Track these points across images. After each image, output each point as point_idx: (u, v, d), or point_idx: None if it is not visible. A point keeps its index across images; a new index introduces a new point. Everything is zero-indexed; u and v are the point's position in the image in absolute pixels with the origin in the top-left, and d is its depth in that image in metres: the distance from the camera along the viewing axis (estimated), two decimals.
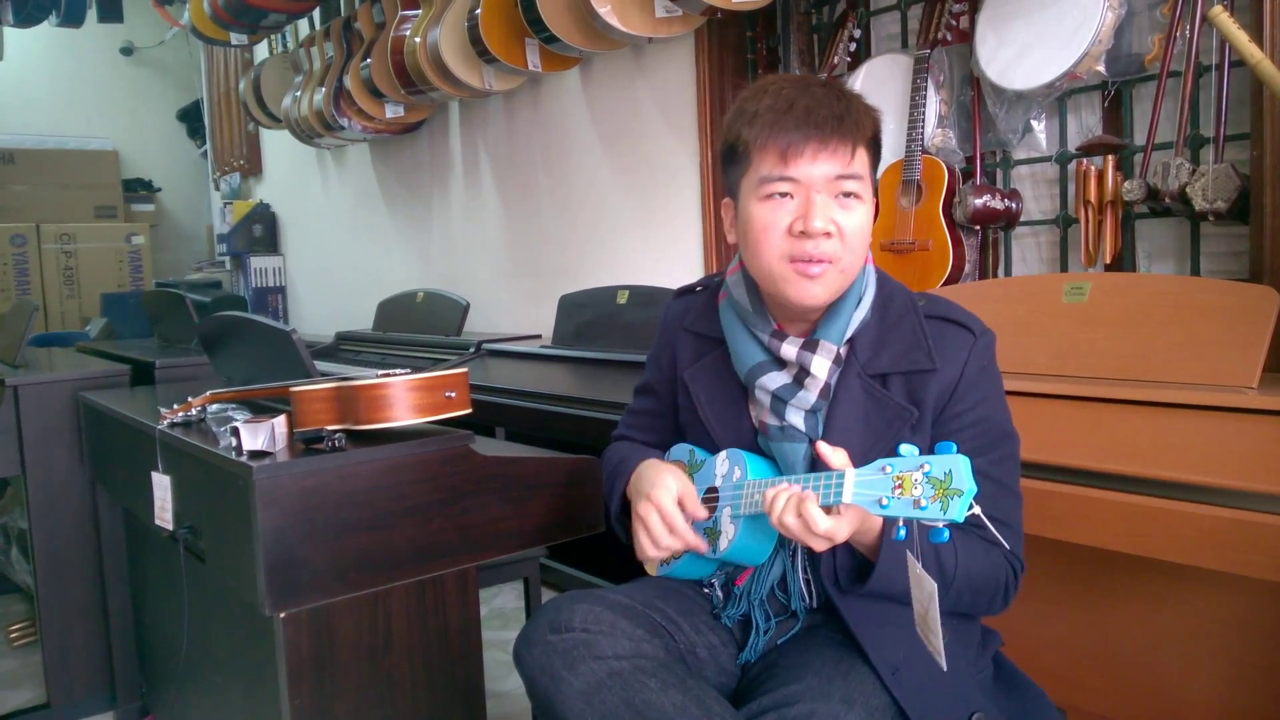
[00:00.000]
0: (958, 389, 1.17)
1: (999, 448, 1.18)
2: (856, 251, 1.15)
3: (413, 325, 3.84)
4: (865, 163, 1.16)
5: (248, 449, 1.40)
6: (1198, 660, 1.51)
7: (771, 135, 1.13)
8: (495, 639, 2.54)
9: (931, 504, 0.93)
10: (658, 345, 1.42)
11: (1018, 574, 1.18)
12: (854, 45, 2.52)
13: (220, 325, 1.87)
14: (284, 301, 5.78)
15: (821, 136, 1.11)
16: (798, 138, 1.12)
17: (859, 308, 1.20)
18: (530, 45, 3.07)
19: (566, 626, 1.15)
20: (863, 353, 1.20)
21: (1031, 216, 2.25)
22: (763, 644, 1.24)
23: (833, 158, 1.12)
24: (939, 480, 0.93)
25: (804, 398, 1.20)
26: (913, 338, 1.19)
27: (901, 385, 1.19)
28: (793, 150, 1.12)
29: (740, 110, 1.18)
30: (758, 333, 1.23)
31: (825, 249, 1.13)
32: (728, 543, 1.20)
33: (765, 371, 1.22)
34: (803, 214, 1.13)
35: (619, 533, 1.36)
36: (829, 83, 1.18)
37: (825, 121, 1.11)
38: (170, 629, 2.01)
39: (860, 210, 1.15)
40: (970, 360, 1.18)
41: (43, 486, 2.24)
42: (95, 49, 6.62)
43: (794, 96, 1.13)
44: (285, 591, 1.35)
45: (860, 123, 1.14)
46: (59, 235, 6.01)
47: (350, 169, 4.97)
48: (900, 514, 0.96)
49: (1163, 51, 1.91)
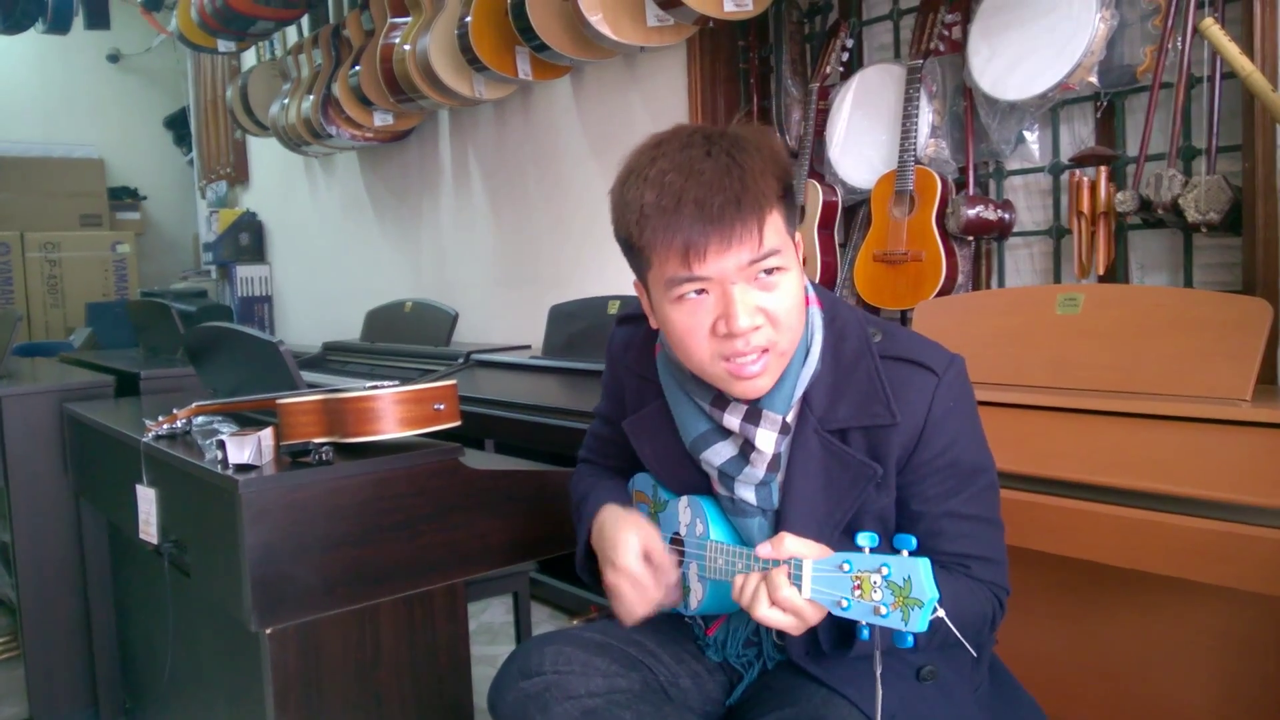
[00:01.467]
0: (922, 437, 1.08)
1: (972, 484, 1.11)
2: (793, 327, 1.05)
3: (401, 335, 3.82)
4: (779, 227, 1.02)
5: (234, 462, 1.38)
6: (1190, 673, 1.51)
7: (666, 237, 0.99)
8: (484, 654, 2.52)
9: (892, 612, 0.88)
10: (607, 374, 1.33)
11: (1003, 603, 1.14)
12: (846, 55, 2.51)
13: (206, 336, 1.85)
14: (270, 311, 5.75)
15: (722, 231, 0.98)
16: (696, 236, 0.98)
17: (806, 364, 1.10)
18: (521, 54, 3.06)
19: (537, 670, 1.12)
20: (818, 406, 1.10)
21: (1025, 227, 2.24)
22: (750, 678, 1.22)
23: (741, 246, 0.99)
24: (898, 586, 0.88)
25: (751, 474, 1.11)
26: (869, 387, 1.09)
27: (862, 440, 1.09)
28: (694, 251, 0.98)
29: (625, 203, 1.04)
30: (697, 400, 1.13)
31: (757, 341, 1.02)
32: (698, 601, 1.17)
33: (710, 444, 1.12)
34: (723, 313, 1.01)
35: (586, 580, 1.30)
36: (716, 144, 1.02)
37: (723, 211, 0.97)
38: (155, 644, 1.99)
39: (787, 282, 1.03)
40: (935, 405, 1.08)
41: (26, 498, 2.21)
42: (82, 56, 6.58)
43: (681, 185, 0.99)
44: (272, 607, 1.33)
45: (762, 193, 0.99)
46: (43, 244, 5.96)
47: (338, 177, 4.95)
48: (861, 619, 0.91)
49: (1155, 63, 1.91)
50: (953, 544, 1.11)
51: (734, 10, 2.38)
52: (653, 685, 1.17)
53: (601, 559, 1.19)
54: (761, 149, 1.03)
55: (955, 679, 1.16)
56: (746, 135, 1.04)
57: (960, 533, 1.10)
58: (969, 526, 1.11)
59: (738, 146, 1.02)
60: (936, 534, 1.10)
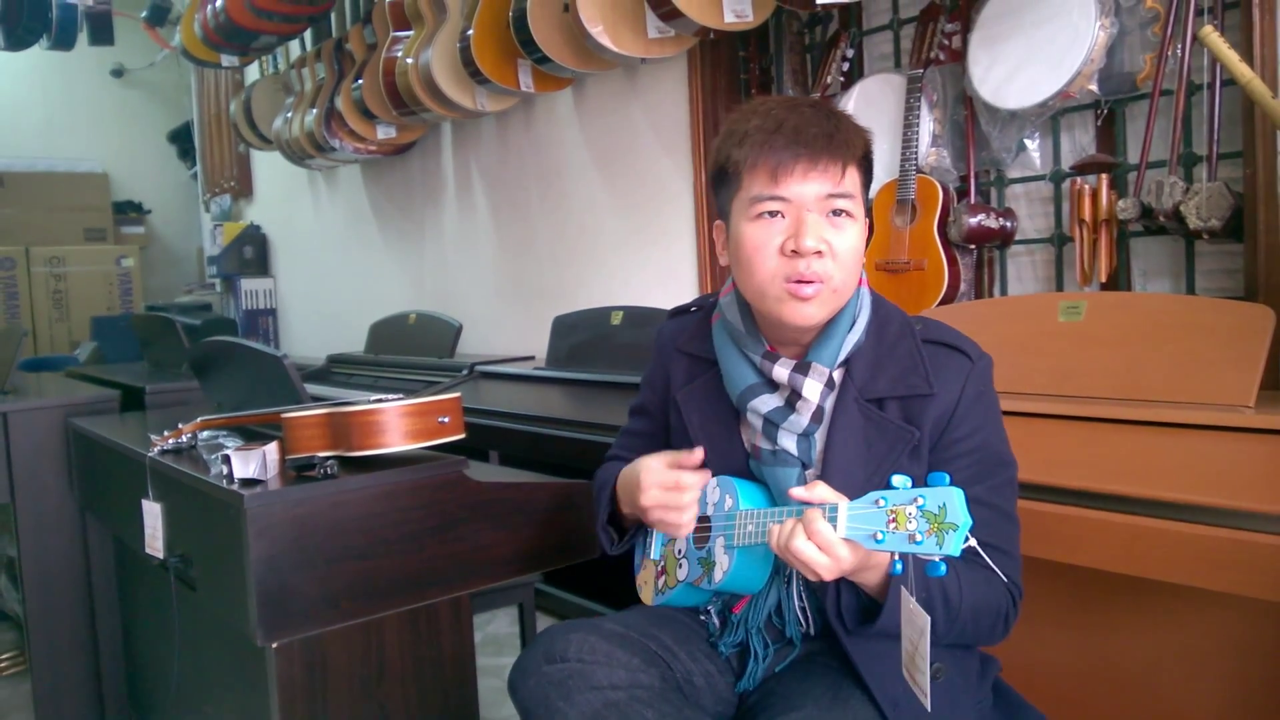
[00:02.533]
0: (955, 415, 1.15)
1: (996, 474, 1.17)
2: (849, 270, 1.14)
3: (405, 347, 3.83)
4: (856, 181, 1.15)
5: (239, 477, 1.39)
6: (1198, 681, 1.50)
7: (761, 155, 1.12)
8: (489, 665, 2.51)
9: (927, 538, 0.92)
10: (652, 366, 1.40)
11: (1016, 601, 1.17)
12: (847, 65, 2.52)
13: (211, 350, 1.85)
14: (275, 324, 5.76)
15: (811, 155, 1.11)
16: (787, 156, 1.11)
17: (853, 330, 1.18)
18: (523, 66, 3.07)
19: (562, 656, 1.13)
20: (859, 376, 1.18)
21: (1026, 235, 2.25)
22: (761, 671, 1.23)
23: (823, 176, 1.11)
24: (933, 514, 0.92)
25: (796, 421, 1.18)
26: (910, 361, 1.17)
27: (898, 410, 1.17)
28: (783, 169, 1.11)
29: (729, 132, 1.17)
30: (750, 354, 1.21)
31: (817, 268, 1.11)
32: (723, 574, 1.19)
33: (757, 394, 1.20)
34: (794, 233, 1.11)
35: (603, 540, 1.33)
36: (818, 102, 1.18)
37: (814, 140, 1.11)
38: (161, 658, 1.99)
39: (852, 229, 1.14)
40: (968, 386, 1.16)
41: (32, 514, 2.22)
42: (85, 71, 6.61)
43: (783, 116, 1.13)
44: (277, 621, 1.34)
45: (850, 141, 1.13)
46: (48, 258, 5.99)
47: (342, 190, 4.96)
48: (896, 548, 0.95)
49: (1155, 70, 1.92)
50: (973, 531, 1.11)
51: (734, 21, 2.39)
52: (671, 682, 1.18)
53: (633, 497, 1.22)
54: (855, 123, 1.17)
55: (961, 684, 1.17)
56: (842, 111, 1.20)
57: (981, 520, 1.11)
58: (990, 516, 1.14)
59: (835, 110, 1.17)
60: None
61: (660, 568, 1.32)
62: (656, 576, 1.32)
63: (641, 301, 3.08)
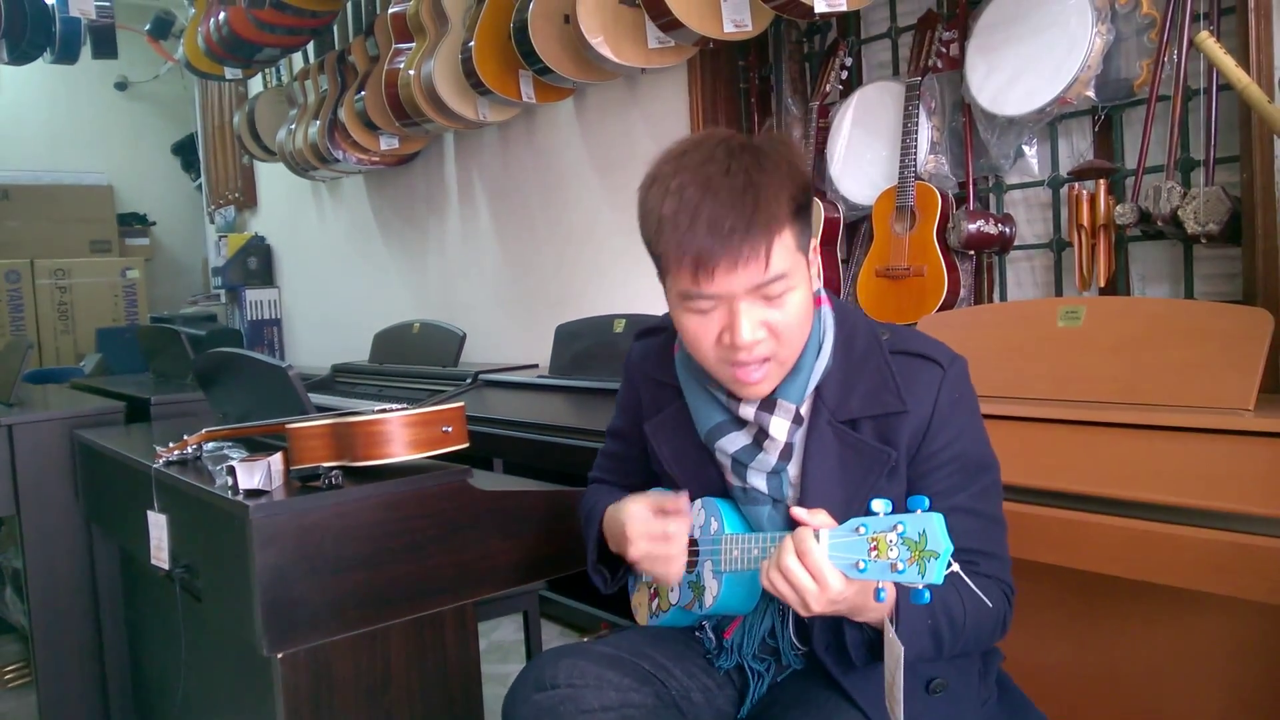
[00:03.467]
0: (930, 427, 1.12)
1: (978, 479, 1.15)
2: (796, 337, 1.10)
3: (409, 356, 3.84)
4: (788, 248, 1.05)
5: (244, 488, 1.40)
6: (1198, 684, 1.50)
7: (679, 250, 1.04)
8: (495, 673, 2.52)
9: (909, 567, 0.91)
10: (623, 389, 1.37)
11: (1010, 600, 1.17)
12: (845, 74, 2.53)
13: (215, 361, 1.87)
14: (280, 334, 5.77)
15: (730, 251, 1.01)
16: (706, 255, 1.02)
17: (819, 358, 1.15)
18: (524, 77, 3.09)
19: (551, 683, 1.13)
20: (830, 398, 1.15)
21: (1025, 241, 2.25)
22: (763, 687, 1.22)
23: (748, 268, 1.02)
24: (913, 541, 0.91)
25: (764, 460, 1.15)
26: (880, 378, 1.14)
27: (873, 429, 1.14)
28: (703, 269, 1.03)
29: (646, 209, 1.09)
30: (714, 391, 1.17)
31: (761, 352, 1.07)
32: (712, 598, 1.18)
33: (724, 433, 1.17)
34: (728, 325, 1.06)
35: (597, 583, 1.32)
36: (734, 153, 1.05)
37: (731, 234, 1.01)
38: (167, 669, 1.99)
39: (792, 299, 1.07)
40: (941, 395, 1.13)
41: (38, 526, 2.23)
42: (89, 84, 6.64)
43: (698, 200, 1.02)
44: (283, 631, 1.34)
45: (775, 212, 1.03)
46: (53, 271, 6.01)
47: (345, 201, 4.98)
48: (878, 577, 0.93)
49: (1151, 76, 1.93)
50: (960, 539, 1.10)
51: (733, 31, 2.40)
52: (665, 700, 1.18)
53: (620, 542, 1.21)
54: (780, 165, 1.06)
55: (964, 691, 1.17)
56: (768, 150, 1.07)
57: (967, 528, 1.11)
58: (975, 522, 1.13)
59: (757, 164, 1.04)
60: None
61: (653, 591, 1.32)
62: (650, 599, 1.33)
63: (643, 309, 3.08)
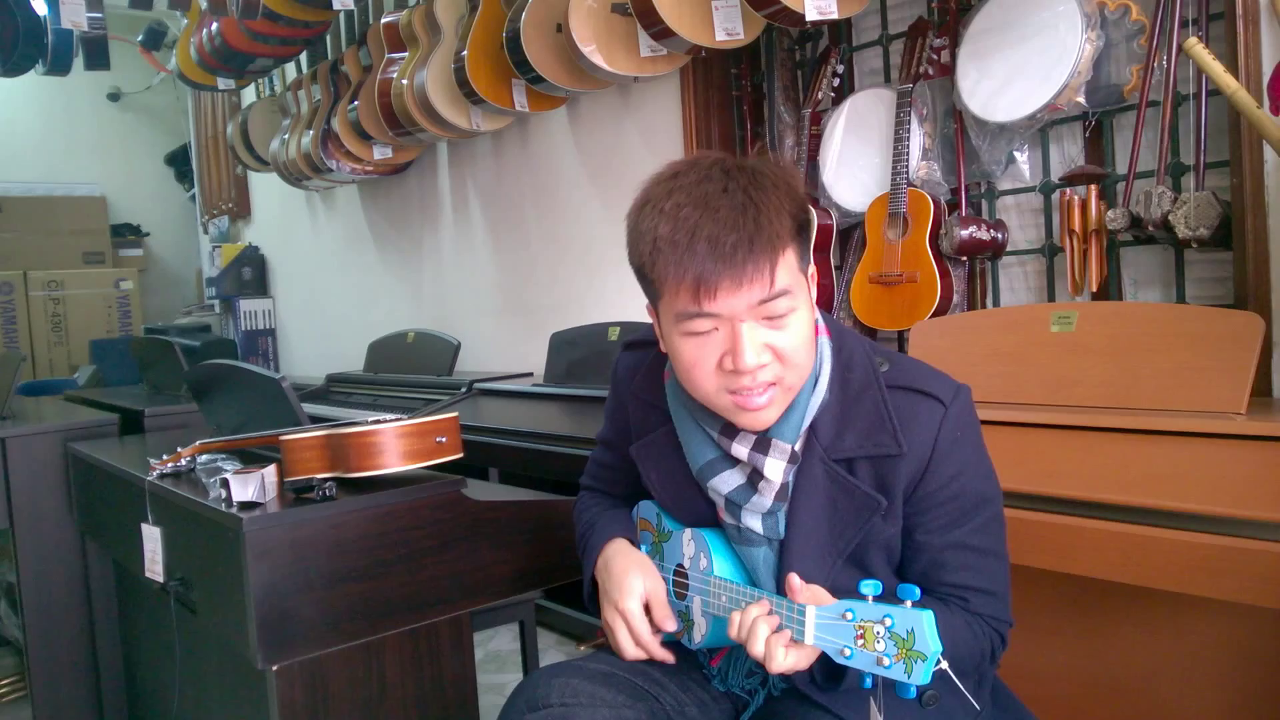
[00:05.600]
0: (929, 468, 1.08)
1: (978, 514, 1.11)
2: (801, 364, 1.05)
3: (404, 366, 3.84)
4: (792, 266, 1.02)
5: (238, 500, 1.39)
6: (1196, 687, 1.51)
7: (678, 271, 0.99)
8: (491, 682, 2.51)
9: (895, 664, 0.88)
10: (611, 400, 1.33)
11: (1004, 636, 1.14)
12: (837, 81, 2.54)
13: (209, 373, 1.86)
14: (274, 344, 5.77)
15: (733, 270, 0.98)
16: (708, 274, 0.98)
17: (815, 393, 1.10)
18: (517, 86, 3.09)
19: (544, 703, 1.12)
20: (824, 435, 1.10)
21: (1017, 246, 2.26)
22: (761, 700, 1.22)
23: (751, 286, 0.99)
24: (901, 639, 0.88)
25: (759, 502, 1.11)
26: (876, 417, 1.09)
27: (869, 470, 1.09)
28: (705, 289, 0.99)
29: (638, 232, 1.05)
30: (706, 428, 1.12)
31: (765, 377, 1.02)
32: (701, 636, 1.17)
33: (717, 471, 1.12)
34: (731, 349, 1.01)
35: (591, 611, 1.30)
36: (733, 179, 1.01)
37: (734, 252, 0.97)
38: (162, 682, 1.99)
39: (795, 321, 1.03)
40: (941, 434, 1.08)
41: (32, 539, 2.22)
42: (82, 95, 6.64)
43: (696, 221, 0.98)
44: (277, 644, 1.34)
45: (776, 232, 0.99)
46: (46, 282, 6.00)
47: (339, 211, 4.98)
48: (864, 668, 0.91)
49: (1141, 82, 1.94)
50: (954, 575, 1.11)
51: (725, 39, 2.41)
52: (659, 716, 1.17)
53: (602, 592, 1.21)
54: (779, 185, 1.02)
55: (957, 704, 1.16)
56: (764, 170, 1.03)
57: (963, 564, 1.10)
58: (972, 558, 1.11)
59: (755, 183, 1.01)
60: (940, 565, 1.11)
61: None
62: None
63: (638, 317, 3.08)
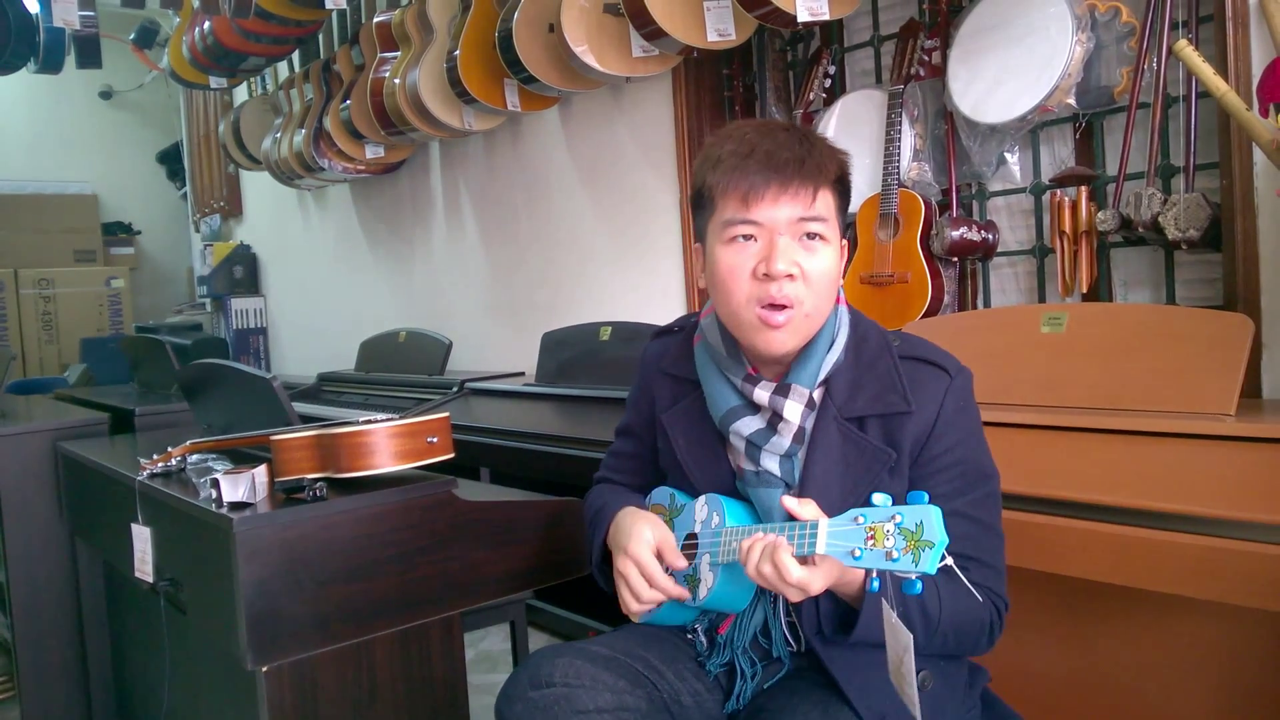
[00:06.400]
0: (934, 430, 1.16)
1: (978, 488, 1.18)
2: (822, 294, 1.15)
3: (395, 365, 3.83)
4: (830, 204, 1.15)
5: (228, 500, 1.39)
6: (1187, 688, 1.51)
7: (733, 179, 1.13)
8: (483, 683, 2.51)
9: (903, 556, 0.93)
10: (636, 388, 1.41)
11: (1001, 613, 1.18)
12: (829, 82, 2.54)
13: (200, 372, 1.86)
14: (265, 343, 5.75)
15: (782, 180, 1.12)
16: (759, 181, 1.12)
17: (831, 350, 1.19)
18: (509, 85, 3.09)
19: (547, 682, 1.14)
20: (838, 395, 1.19)
21: (1008, 247, 2.27)
22: (750, 690, 1.23)
23: (794, 200, 1.12)
24: (910, 531, 0.93)
25: (778, 443, 1.19)
26: (888, 380, 1.19)
27: (878, 428, 1.18)
28: (754, 193, 1.12)
29: (705, 156, 1.19)
30: (731, 376, 1.22)
31: (789, 291, 1.12)
32: (707, 591, 1.19)
33: (739, 416, 1.21)
34: (766, 256, 1.12)
35: (600, 582, 1.35)
36: (795, 126, 1.19)
37: (786, 165, 1.12)
38: (152, 683, 1.98)
39: (825, 252, 1.15)
40: (946, 401, 1.17)
41: (20, 539, 2.21)
42: (74, 93, 6.61)
43: (756, 141, 1.14)
44: (267, 644, 1.34)
45: (823, 165, 1.14)
46: (37, 280, 5.98)
47: (331, 210, 4.97)
48: (873, 565, 0.96)
49: (1131, 84, 1.94)
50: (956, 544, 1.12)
51: (717, 40, 2.41)
52: (658, 703, 1.19)
53: (614, 547, 1.25)
54: (831, 145, 1.18)
55: (947, 694, 1.18)
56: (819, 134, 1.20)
57: (963, 533, 1.13)
58: (972, 528, 1.15)
59: (810, 133, 1.18)
60: None
61: None
62: None
63: (630, 317, 3.09)
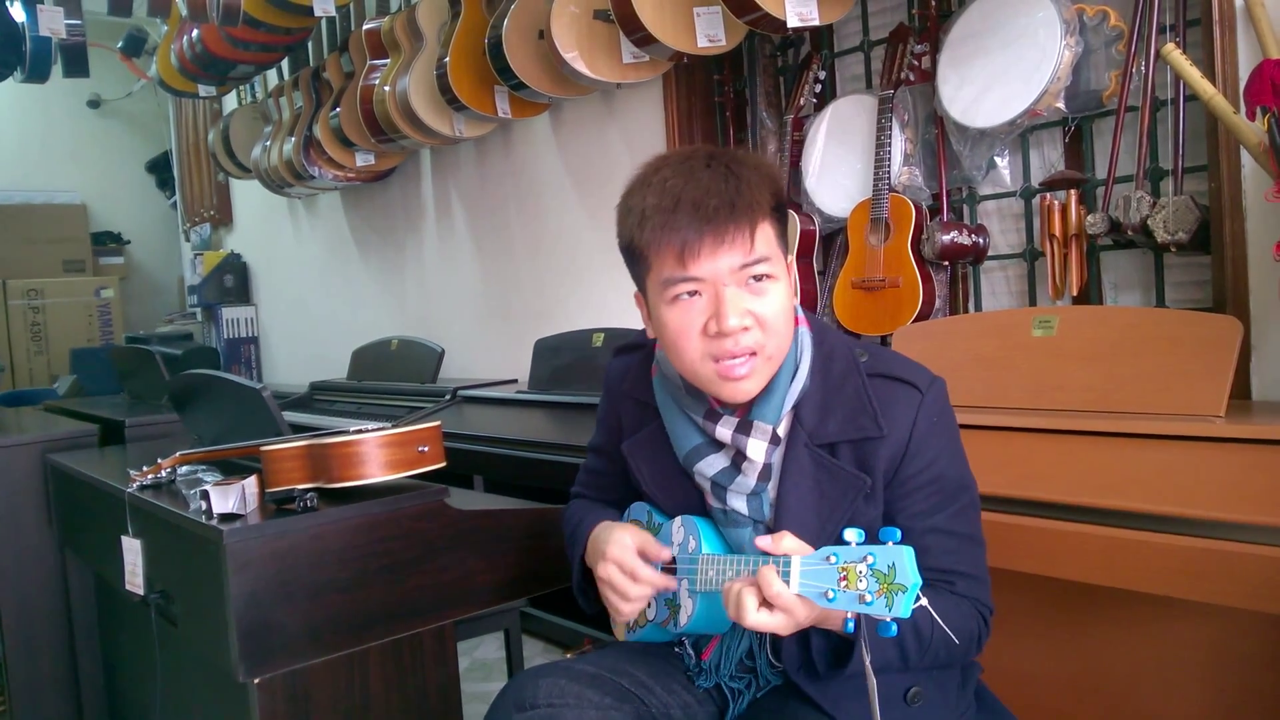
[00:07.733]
0: (908, 451, 1.12)
1: (956, 500, 1.15)
2: (780, 333, 1.10)
3: (388, 373, 3.82)
4: (769, 238, 1.09)
5: (218, 512, 1.38)
6: (1178, 689, 1.51)
7: (664, 236, 1.06)
8: (477, 691, 2.50)
9: (877, 599, 0.91)
10: (603, 406, 1.36)
11: (987, 620, 1.17)
12: (819, 87, 2.55)
13: (190, 383, 1.85)
14: (257, 352, 5.73)
15: (716, 230, 1.04)
16: (691, 236, 1.05)
17: (795, 379, 1.15)
18: (499, 92, 3.09)
19: (531, 703, 1.13)
20: (808, 421, 1.15)
21: (999, 251, 2.27)
22: (745, 700, 1.22)
23: (732, 248, 1.05)
24: (883, 574, 0.91)
25: (743, 483, 1.15)
26: (858, 402, 1.14)
27: (850, 453, 1.13)
28: (689, 250, 1.05)
29: (627, 209, 1.12)
30: (691, 414, 1.17)
31: (747, 342, 1.07)
32: (687, 617, 1.18)
33: (702, 455, 1.17)
34: (714, 313, 1.06)
35: (582, 603, 1.32)
36: (715, 156, 1.10)
37: (717, 213, 1.04)
38: (143, 696, 1.97)
39: (775, 290, 1.09)
40: (919, 419, 1.13)
41: (10, 551, 2.20)
42: (61, 102, 6.58)
43: (680, 188, 1.06)
44: (259, 656, 1.33)
45: (755, 200, 1.07)
46: (26, 291, 5.95)
47: (322, 218, 4.96)
48: (846, 608, 0.94)
49: (1120, 87, 1.95)
50: (937, 560, 1.13)
51: (707, 46, 2.41)
52: (645, 717, 1.18)
53: (593, 560, 1.22)
54: (758, 167, 1.11)
55: (940, 702, 1.17)
56: (743, 155, 1.12)
57: (945, 549, 1.13)
58: (953, 543, 1.14)
59: (735, 161, 1.10)
60: (922, 550, 1.11)
61: None
62: None
63: (622, 323, 3.08)
